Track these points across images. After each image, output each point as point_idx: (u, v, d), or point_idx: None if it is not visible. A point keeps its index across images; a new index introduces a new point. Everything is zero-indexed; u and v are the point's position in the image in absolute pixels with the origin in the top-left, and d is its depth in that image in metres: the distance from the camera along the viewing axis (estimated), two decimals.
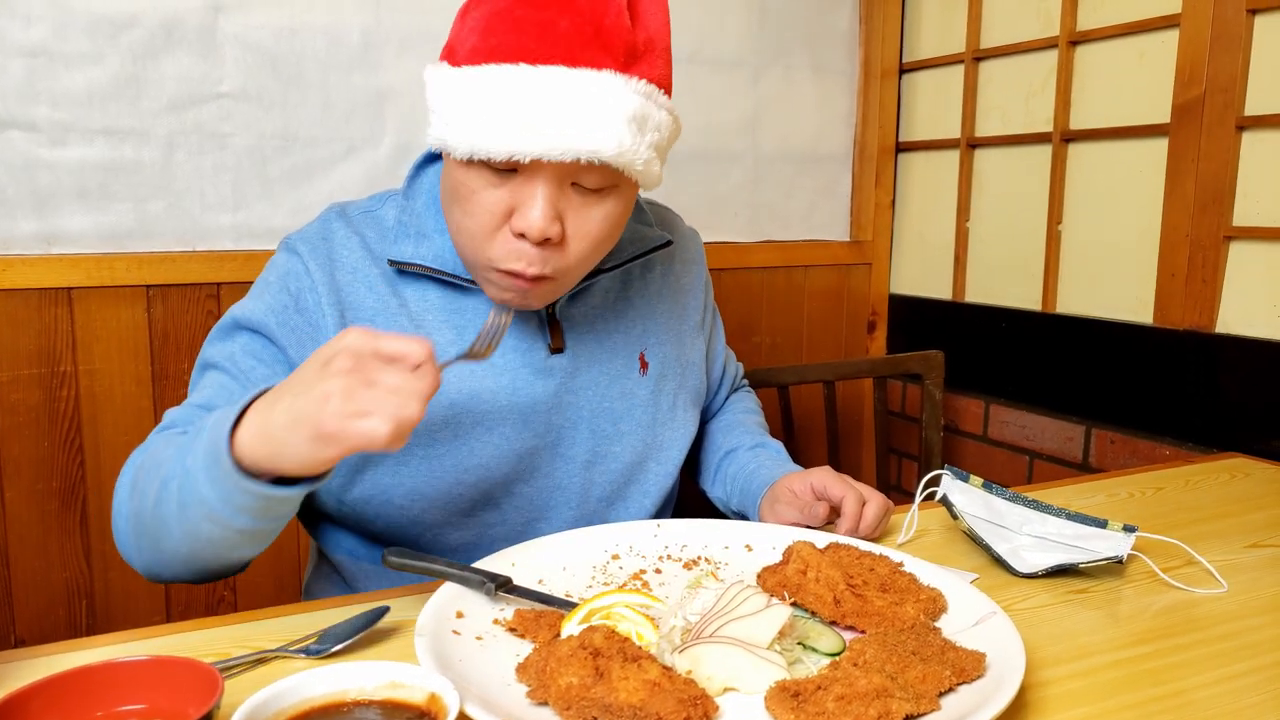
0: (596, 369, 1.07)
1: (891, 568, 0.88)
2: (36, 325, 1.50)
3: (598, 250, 0.95)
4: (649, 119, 0.89)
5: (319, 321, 0.98)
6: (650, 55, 0.91)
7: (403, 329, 0.99)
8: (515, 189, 0.89)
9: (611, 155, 0.86)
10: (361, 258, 1.01)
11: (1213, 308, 1.59)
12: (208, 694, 0.61)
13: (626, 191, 0.94)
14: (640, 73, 0.89)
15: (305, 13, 1.62)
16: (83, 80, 1.49)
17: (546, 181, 0.88)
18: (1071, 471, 1.82)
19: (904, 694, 0.65)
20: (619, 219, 0.95)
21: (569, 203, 0.91)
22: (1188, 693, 0.75)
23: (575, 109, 0.84)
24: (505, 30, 0.86)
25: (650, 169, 0.91)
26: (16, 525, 1.52)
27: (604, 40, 0.86)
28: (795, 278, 2.16)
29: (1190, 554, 1.01)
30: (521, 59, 0.85)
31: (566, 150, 0.85)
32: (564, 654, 0.69)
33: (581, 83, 0.85)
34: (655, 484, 1.12)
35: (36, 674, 0.73)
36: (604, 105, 0.85)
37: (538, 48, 0.85)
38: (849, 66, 2.17)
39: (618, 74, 0.87)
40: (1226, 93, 1.53)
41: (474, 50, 0.88)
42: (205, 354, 1.00)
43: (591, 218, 0.92)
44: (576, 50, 0.86)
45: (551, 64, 0.85)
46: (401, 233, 1.02)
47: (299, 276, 0.99)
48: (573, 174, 0.89)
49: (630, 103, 0.86)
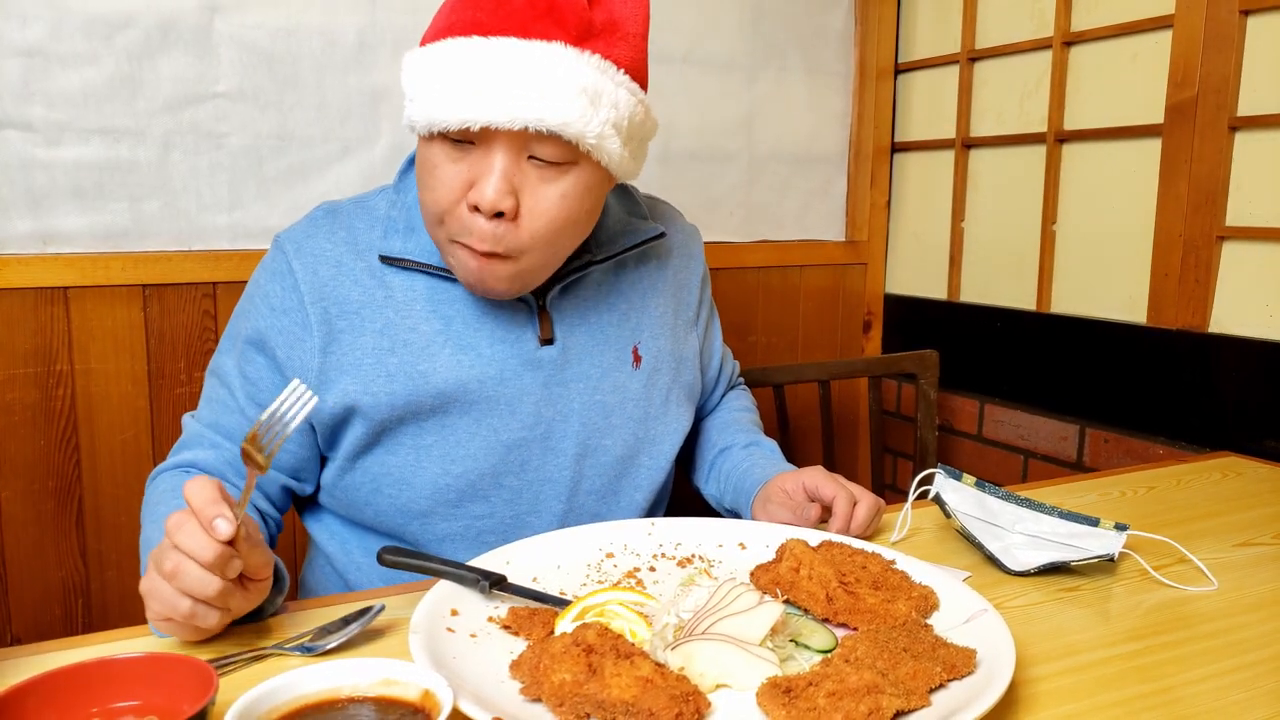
0: (588, 361, 1.08)
1: (884, 565, 0.88)
2: (32, 325, 1.50)
3: (556, 232, 0.95)
4: (603, 94, 0.90)
5: (304, 320, 1.00)
6: (610, 35, 0.92)
7: (389, 320, 1.01)
8: (473, 163, 0.91)
9: (558, 124, 0.87)
10: (346, 253, 1.02)
11: (1206, 307, 1.60)
12: (202, 691, 0.61)
13: (588, 172, 0.94)
14: (595, 48, 0.90)
15: (301, 13, 1.62)
16: (78, 80, 1.49)
17: (504, 153, 0.90)
18: (1066, 471, 1.83)
19: (895, 690, 0.66)
20: (579, 200, 0.95)
21: (525, 178, 0.92)
22: (1176, 689, 0.75)
23: (524, 77, 0.87)
24: (464, 7, 0.90)
25: (605, 145, 0.92)
26: (12, 525, 1.52)
27: (556, 15, 0.89)
28: (790, 277, 2.16)
29: (1181, 552, 1.01)
30: (475, 31, 0.89)
31: (515, 118, 0.87)
32: (557, 651, 0.70)
33: (531, 53, 0.87)
34: (647, 478, 1.12)
35: (32, 671, 0.74)
36: (553, 75, 0.87)
37: (490, 21, 0.88)
38: (844, 67, 2.17)
39: (569, 46, 0.89)
40: (1219, 93, 1.54)
41: (435, 29, 0.92)
42: (214, 363, 1.07)
43: (547, 195, 0.93)
44: (529, 23, 0.88)
45: (503, 35, 0.88)
46: (391, 226, 1.04)
47: (283, 276, 1.01)
48: (528, 147, 0.90)
49: (581, 75, 0.88)
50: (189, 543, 0.72)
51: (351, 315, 1.01)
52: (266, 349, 1.01)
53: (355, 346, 1.00)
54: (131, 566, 1.60)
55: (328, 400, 1.00)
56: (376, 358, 1.00)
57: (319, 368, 1.00)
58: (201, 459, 1.01)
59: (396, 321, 1.01)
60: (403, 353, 1.00)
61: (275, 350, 1.01)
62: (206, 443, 1.02)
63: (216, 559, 0.72)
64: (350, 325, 1.00)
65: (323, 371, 1.00)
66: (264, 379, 1.02)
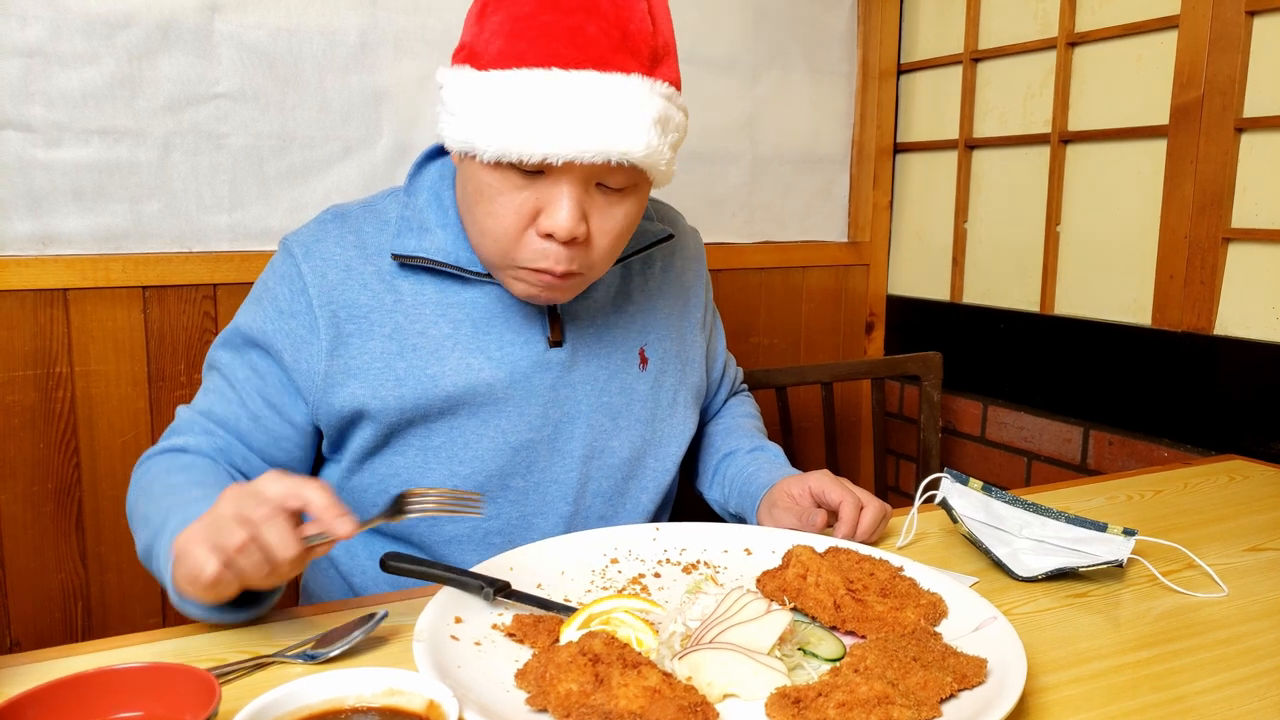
0: (595, 363, 1.08)
1: (891, 572, 0.87)
2: (32, 326, 1.49)
3: (619, 246, 0.99)
4: (670, 120, 0.92)
5: (311, 323, 1.00)
6: (668, 58, 0.94)
7: (398, 324, 1.01)
8: (541, 190, 0.91)
9: (641, 156, 0.89)
10: (355, 256, 1.02)
11: (1211, 309, 1.59)
12: (205, 701, 0.60)
13: (645, 189, 0.98)
14: (662, 75, 0.92)
15: (302, 13, 1.61)
16: (78, 80, 1.48)
17: (573, 183, 0.90)
18: (1069, 473, 1.82)
19: (905, 701, 0.65)
20: (637, 215, 0.99)
21: (593, 203, 0.93)
22: (1189, 698, 0.74)
23: (607, 112, 0.87)
24: (534, 35, 0.88)
25: (670, 168, 0.95)
26: (12, 527, 1.52)
27: (631, 45, 0.89)
28: (793, 279, 2.16)
29: (1190, 558, 1.01)
30: (554, 63, 0.87)
31: (599, 152, 0.87)
32: (563, 660, 0.69)
33: (612, 86, 0.88)
34: (654, 480, 1.12)
35: (32, 678, 0.73)
36: (633, 108, 0.88)
37: (568, 52, 0.87)
38: (847, 67, 2.16)
39: (645, 77, 0.90)
40: (1225, 94, 1.53)
41: (501, 54, 0.89)
42: (213, 357, 1.05)
43: (614, 216, 0.95)
44: (607, 55, 0.88)
45: (583, 68, 0.87)
46: (404, 227, 1.03)
47: (291, 279, 1.01)
48: (599, 175, 0.91)
49: (655, 105, 0.90)
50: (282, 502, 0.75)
51: (360, 319, 1.00)
52: (273, 351, 1.01)
53: (364, 350, 1.00)
54: (131, 570, 1.60)
55: (334, 403, 0.99)
56: (385, 361, 1.00)
57: (325, 371, 0.99)
58: (194, 444, 1.00)
59: (405, 325, 1.01)
60: (411, 356, 1.00)
61: (282, 353, 1.00)
62: (199, 429, 1.01)
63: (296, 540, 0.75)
64: (359, 329, 1.00)
65: (329, 375, 0.99)
66: (268, 377, 1.02)
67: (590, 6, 0.88)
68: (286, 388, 1.01)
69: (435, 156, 1.08)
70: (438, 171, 1.06)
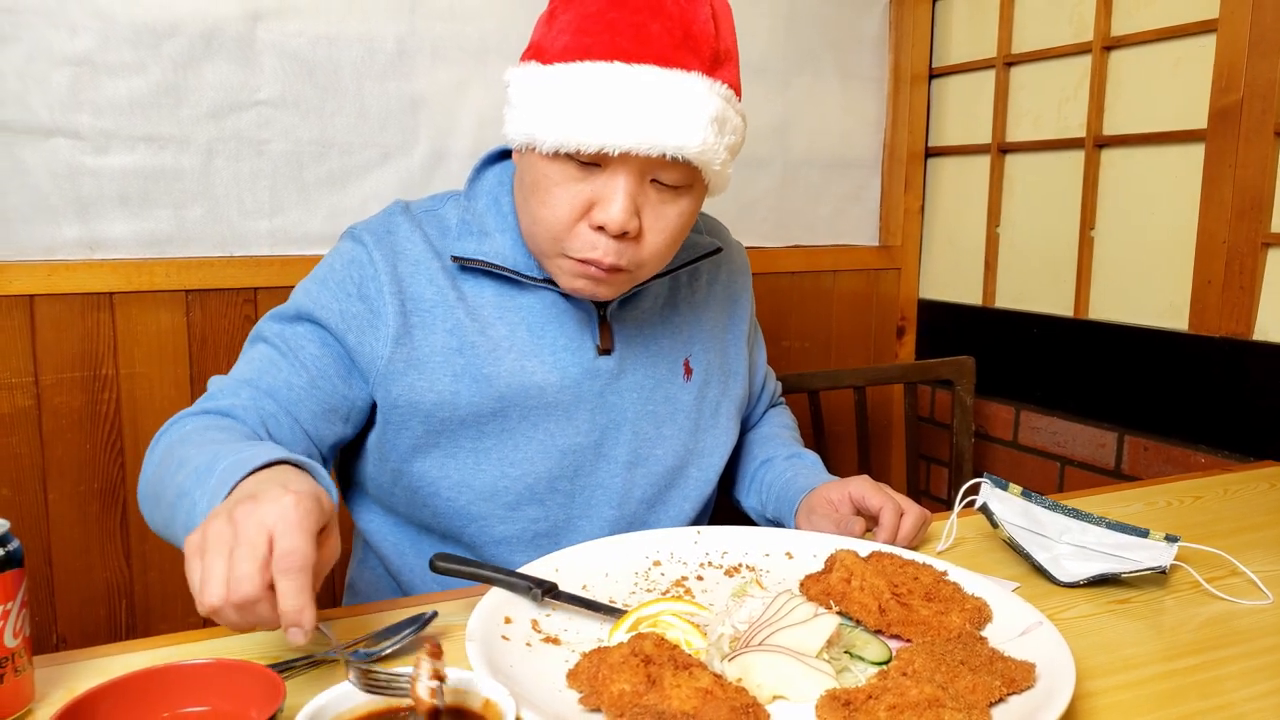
0: (641, 372, 1.09)
1: (935, 576, 0.88)
2: (80, 329, 1.52)
3: (670, 247, 0.99)
4: (727, 121, 0.94)
5: (380, 309, 1.01)
6: (729, 63, 0.96)
7: (459, 321, 1.02)
8: (597, 183, 0.93)
9: (695, 152, 0.90)
10: (424, 251, 1.03)
11: (1250, 315, 1.58)
12: (270, 698, 0.62)
13: (699, 192, 0.98)
14: (722, 77, 0.94)
15: (341, 21, 1.63)
16: (125, 89, 1.51)
17: (629, 176, 0.92)
18: (1104, 478, 1.81)
19: (955, 704, 0.66)
20: (690, 218, 0.99)
21: (647, 199, 0.94)
22: (1236, 705, 0.74)
23: (665, 106, 0.89)
24: (599, 30, 0.90)
25: (725, 170, 0.96)
26: (60, 526, 1.55)
27: (693, 44, 0.91)
28: (824, 282, 2.16)
29: (1234, 564, 1.00)
30: (617, 57, 0.89)
31: (655, 145, 0.89)
32: (616, 661, 0.70)
33: (672, 82, 0.90)
34: (695, 489, 1.13)
35: (87, 675, 0.75)
36: (691, 104, 0.90)
37: (632, 47, 0.89)
38: (878, 72, 2.16)
39: (704, 76, 0.91)
40: (1265, 99, 1.52)
41: (566, 48, 0.91)
42: (261, 329, 1.02)
43: (667, 215, 0.96)
44: (669, 52, 0.90)
45: (645, 63, 0.89)
46: (464, 231, 1.05)
47: (362, 265, 1.02)
48: (654, 170, 0.93)
49: (713, 104, 0.91)
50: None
51: (425, 312, 1.02)
52: (336, 331, 1.00)
53: (426, 343, 1.01)
54: (174, 568, 1.63)
55: (392, 392, 1.01)
56: (445, 357, 1.01)
57: (388, 358, 1.00)
58: (240, 410, 0.94)
59: (466, 323, 1.02)
60: (470, 354, 1.02)
61: (345, 334, 1.00)
62: (245, 395, 0.96)
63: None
64: (423, 322, 1.01)
65: (391, 362, 1.00)
66: (328, 348, 1.00)
67: (656, 6, 0.90)
68: (347, 363, 1.01)
69: (493, 162, 1.10)
70: (496, 177, 1.08)
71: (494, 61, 1.75)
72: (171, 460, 0.86)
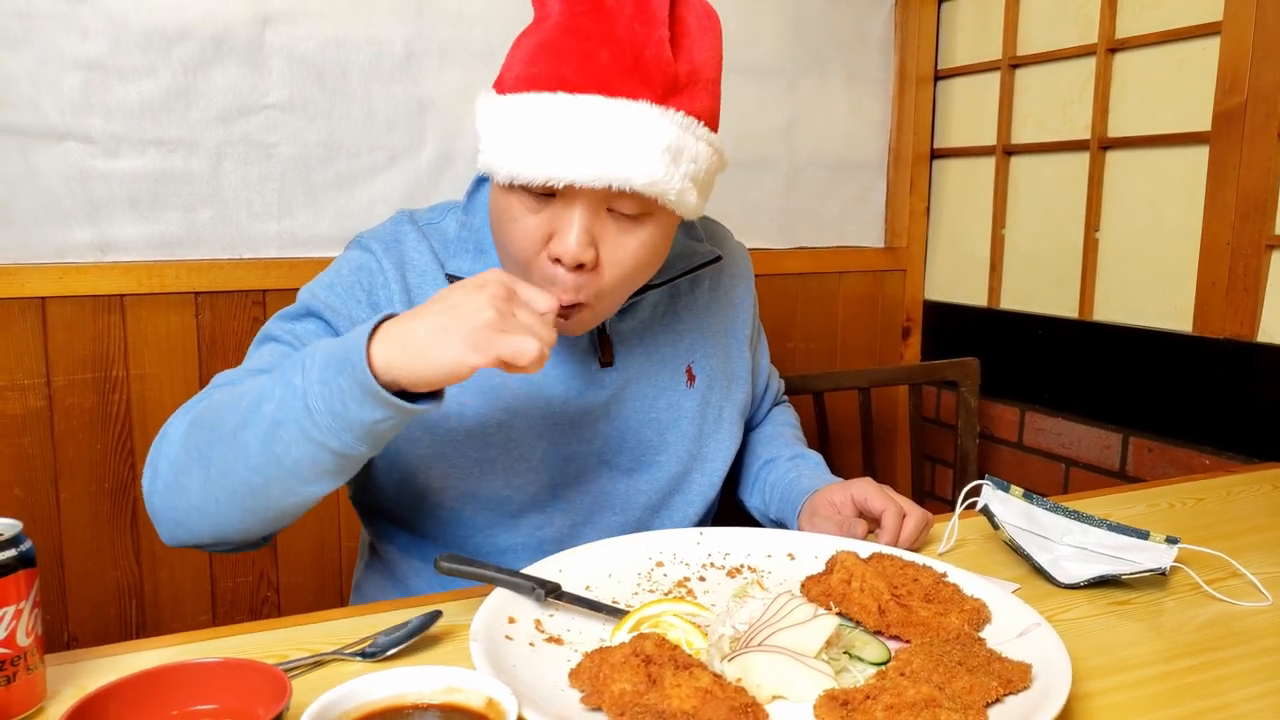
0: (644, 381, 1.10)
1: (935, 578, 0.89)
2: (91, 331, 1.54)
3: (633, 278, 0.97)
4: (684, 151, 0.90)
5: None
6: (693, 88, 0.92)
7: None
8: (553, 215, 0.91)
9: (643, 184, 0.87)
10: (430, 262, 1.04)
11: (1254, 317, 1.58)
12: (276, 696, 0.63)
13: (664, 219, 0.95)
14: (679, 105, 0.90)
15: (349, 25, 1.65)
16: (135, 92, 1.53)
17: (583, 208, 0.90)
18: (1108, 480, 1.81)
19: (952, 704, 0.66)
20: (655, 247, 0.96)
21: (604, 229, 0.92)
22: (1234, 706, 0.75)
23: (610, 137, 0.86)
24: (546, 59, 0.89)
25: (684, 199, 0.92)
26: (71, 526, 1.57)
27: (642, 72, 0.88)
28: (829, 284, 2.17)
29: (1234, 566, 1.01)
30: (560, 87, 0.88)
31: (599, 177, 0.86)
32: (617, 660, 0.71)
33: (617, 112, 0.87)
34: (699, 494, 1.14)
35: (97, 673, 0.77)
36: (638, 135, 0.87)
37: (576, 77, 0.87)
38: (884, 73, 2.17)
39: (654, 105, 0.88)
40: (1269, 101, 1.52)
41: (518, 78, 0.91)
42: (268, 329, 1.02)
43: (626, 245, 0.93)
44: (615, 81, 0.87)
45: (589, 93, 0.87)
46: (461, 247, 1.05)
47: (373, 272, 1.03)
48: (608, 200, 0.91)
49: (665, 134, 0.88)
50: (534, 293, 0.81)
51: None
52: (343, 333, 0.98)
53: None
54: (183, 568, 1.64)
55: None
56: None
57: None
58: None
59: None
60: None
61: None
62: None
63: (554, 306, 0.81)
64: None
65: None
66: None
67: (607, 34, 0.88)
68: None
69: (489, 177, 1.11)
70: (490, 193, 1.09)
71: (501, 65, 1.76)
72: (229, 411, 0.84)
